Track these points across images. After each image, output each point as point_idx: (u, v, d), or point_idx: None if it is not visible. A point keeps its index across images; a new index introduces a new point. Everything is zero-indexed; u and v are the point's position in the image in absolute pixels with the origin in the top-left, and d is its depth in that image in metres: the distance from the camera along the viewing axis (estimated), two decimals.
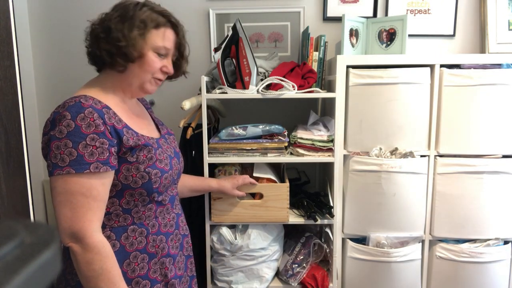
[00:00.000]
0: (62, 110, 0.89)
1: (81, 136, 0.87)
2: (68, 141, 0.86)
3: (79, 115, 0.88)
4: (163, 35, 1.00)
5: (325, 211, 1.56)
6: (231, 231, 1.59)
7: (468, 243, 1.62)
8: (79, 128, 0.87)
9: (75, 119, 0.87)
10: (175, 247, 1.07)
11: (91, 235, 0.87)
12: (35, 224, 0.32)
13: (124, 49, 0.95)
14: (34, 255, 0.27)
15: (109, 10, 1.00)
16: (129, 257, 0.98)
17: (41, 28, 1.94)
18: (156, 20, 0.99)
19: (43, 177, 2.04)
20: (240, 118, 1.86)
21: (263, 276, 1.58)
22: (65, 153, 0.86)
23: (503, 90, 1.51)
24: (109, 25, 0.95)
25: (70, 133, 0.86)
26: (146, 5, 1.00)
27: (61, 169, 0.86)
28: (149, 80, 1.02)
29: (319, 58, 1.70)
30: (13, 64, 1.75)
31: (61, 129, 0.87)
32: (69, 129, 0.86)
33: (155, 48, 0.99)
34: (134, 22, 0.96)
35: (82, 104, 0.90)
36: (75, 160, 0.86)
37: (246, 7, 1.92)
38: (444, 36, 1.92)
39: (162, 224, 1.04)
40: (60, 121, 0.87)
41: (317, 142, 1.55)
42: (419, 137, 1.58)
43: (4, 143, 1.67)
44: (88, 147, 0.87)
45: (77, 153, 0.86)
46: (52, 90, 1.99)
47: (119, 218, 0.97)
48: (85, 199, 0.87)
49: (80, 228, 0.86)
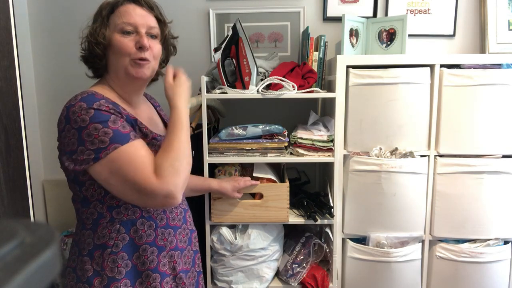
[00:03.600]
0: (76, 102, 0.89)
1: (104, 117, 0.88)
2: (95, 125, 0.87)
3: (95, 103, 0.89)
4: (120, 13, 0.98)
5: (325, 211, 1.56)
6: (231, 231, 1.59)
7: (468, 243, 1.62)
8: (99, 111, 0.88)
9: (92, 106, 0.88)
10: (183, 241, 1.08)
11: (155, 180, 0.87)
12: (35, 224, 0.32)
13: (90, 47, 0.98)
14: (34, 255, 0.27)
15: None
16: (138, 250, 0.98)
17: (41, 28, 1.94)
18: (111, 3, 0.98)
19: (43, 177, 2.04)
20: (240, 118, 1.86)
21: (263, 276, 1.58)
22: (100, 134, 0.86)
23: (503, 90, 1.51)
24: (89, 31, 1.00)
25: (93, 117, 0.87)
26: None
27: (106, 149, 0.86)
28: (129, 63, 0.97)
29: (319, 58, 1.70)
30: (13, 64, 1.75)
31: (82, 118, 0.87)
32: (90, 115, 0.87)
33: (117, 28, 0.97)
34: (97, 18, 0.99)
35: (95, 95, 0.92)
36: (114, 136, 0.87)
37: (246, 7, 1.92)
38: (444, 36, 1.92)
39: (170, 218, 1.05)
40: (78, 112, 0.87)
41: (317, 142, 1.55)
42: (419, 137, 1.57)
43: (4, 143, 1.67)
44: (116, 123, 0.89)
45: (111, 130, 0.87)
46: (52, 90, 1.99)
47: (128, 211, 0.97)
48: (138, 158, 0.88)
49: (149, 185, 0.86)
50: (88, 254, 0.96)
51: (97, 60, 0.99)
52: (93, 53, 0.98)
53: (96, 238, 0.96)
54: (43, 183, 2.03)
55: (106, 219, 0.96)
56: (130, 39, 0.96)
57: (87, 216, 0.97)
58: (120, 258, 0.96)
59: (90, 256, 0.96)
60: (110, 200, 0.95)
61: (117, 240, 0.96)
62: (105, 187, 0.92)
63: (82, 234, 0.98)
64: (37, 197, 1.99)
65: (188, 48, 1.95)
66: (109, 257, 0.95)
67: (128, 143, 0.87)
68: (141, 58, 0.97)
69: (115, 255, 0.96)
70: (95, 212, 0.96)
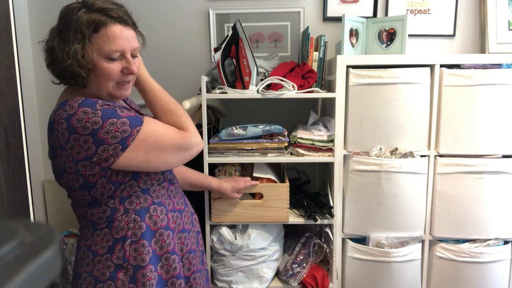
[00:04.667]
0: (75, 110, 0.88)
1: (112, 111, 0.91)
2: (110, 120, 0.89)
3: (96, 103, 0.90)
4: (107, 36, 0.89)
5: (325, 211, 1.56)
6: (231, 231, 1.59)
7: (468, 243, 1.62)
8: (105, 109, 0.90)
9: (96, 107, 0.89)
10: (188, 223, 1.13)
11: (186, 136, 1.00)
12: (35, 224, 0.32)
13: (71, 68, 0.88)
14: (34, 255, 0.27)
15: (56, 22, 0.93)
16: (155, 235, 1.01)
17: (41, 28, 1.94)
18: (94, 22, 0.88)
19: (43, 177, 2.03)
20: (240, 118, 1.86)
21: (263, 276, 1.58)
22: (119, 126, 0.89)
23: (503, 90, 1.51)
24: (53, 45, 0.90)
25: (104, 115, 0.89)
26: (84, 6, 0.89)
27: (131, 135, 0.90)
28: (113, 87, 0.95)
29: (319, 58, 1.70)
30: (13, 64, 1.75)
31: (94, 120, 0.88)
32: (99, 115, 0.88)
33: (103, 54, 0.90)
34: (71, 34, 0.87)
35: (90, 98, 0.92)
36: (130, 122, 0.91)
37: (246, 7, 1.92)
38: (444, 36, 1.92)
39: (175, 202, 1.09)
40: (85, 118, 0.87)
41: (317, 142, 1.55)
42: (419, 137, 1.57)
43: (4, 143, 1.67)
44: (123, 111, 0.93)
45: (125, 118, 0.91)
46: (52, 90, 1.98)
47: (140, 199, 1.00)
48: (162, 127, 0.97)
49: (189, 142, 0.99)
50: (108, 251, 0.98)
51: (77, 79, 0.92)
52: (73, 73, 0.90)
53: (114, 233, 0.98)
54: (43, 183, 2.03)
55: (120, 212, 0.98)
56: (116, 65, 0.93)
57: (99, 216, 0.98)
58: (141, 246, 0.98)
59: (110, 252, 0.98)
60: (121, 192, 0.97)
61: (135, 229, 0.98)
62: (142, 168, 0.96)
63: (95, 235, 0.99)
64: (37, 197, 1.99)
65: (188, 48, 1.95)
66: (130, 247, 0.97)
67: (144, 121, 0.93)
68: (126, 81, 0.97)
69: (135, 244, 0.98)
70: (107, 209, 0.98)
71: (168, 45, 1.94)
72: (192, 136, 1.00)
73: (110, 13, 0.89)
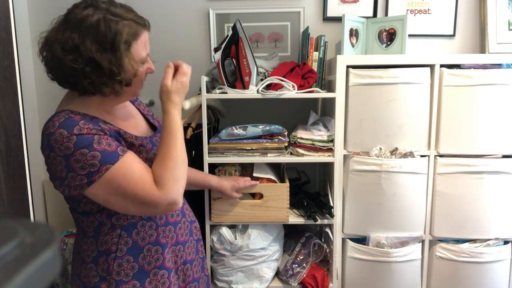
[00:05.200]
0: (55, 129, 0.85)
1: (87, 140, 0.85)
2: (81, 150, 0.84)
3: (74, 127, 0.85)
4: (144, 43, 0.92)
5: (325, 211, 1.56)
6: (231, 231, 1.59)
7: (468, 243, 1.62)
8: (81, 136, 0.85)
9: (72, 131, 0.84)
10: (184, 234, 1.09)
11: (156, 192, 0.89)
12: (35, 224, 0.32)
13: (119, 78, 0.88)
14: (34, 255, 0.27)
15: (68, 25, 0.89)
16: (143, 251, 0.99)
17: (41, 28, 1.93)
18: (135, 31, 0.90)
19: (43, 177, 2.04)
20: (240, 118, 1.86)
21: (263, 276, 1.58)
22: (88, 158, 0.84)
23: (503, 90, 1.51)
24: (92, 56, 0.85)
25: (77, 143, 0.84)
26: (115, 14, 0.88)
27: (98, 172, 0.84)
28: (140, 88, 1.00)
29: (319, 58, 1.70)
30: (13, 64, 1.75)
31: (66, 145, 0.84)
32: (73, 141, 0.84)
33: (142, 60, 0.93)
34: (119, 46, 0.87)
35: (73, 118, 0.87)
36: (103, 158, 0.85)
37: (246, 7, 1.92)
38: (444, 36, 1.92)
39: (169, 215, 1.05)
40: (60, 140, 0.84)
41: (317, 142, 1.55)
42: (419, 137, 1.57)
43: (4, 143, 1.67)
44: (101, 143, 0.86)
45: (98, 152, 0.85)
46: (52, 90, 1.97)
47: (127, 216, 0.97)
48: (134, 173, 0.88)
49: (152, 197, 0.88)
50: (93, 261, 0.97)
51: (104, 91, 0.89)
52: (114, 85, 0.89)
53: (99, 245, 0.96)
54: (43, 183, 2.03)
55: (107, 226, 0.96)
56: (144, 68, 0.96)
57: (87, 225, 0.97)
58: (126, 262, 0.96)
59: (95, 263, 0.96)
60: (109, 209, 0.94)
61: (121, 244, 0.96)
62: (105, 206, 0.91)
63: (84, 242, 0.98)
64: (37, 197, 1.99)
65: (188, 48, 1.95)
66: (114, 261, 0.95)
67: (118, 160, 0.86)
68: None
69: (120, 259, 0.96)
70: (95, 220, 0.96)
71: (168, 45, 1.94)
72: (164, 194, 0.88)
73: (139, 20, 0.91)
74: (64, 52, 0.86)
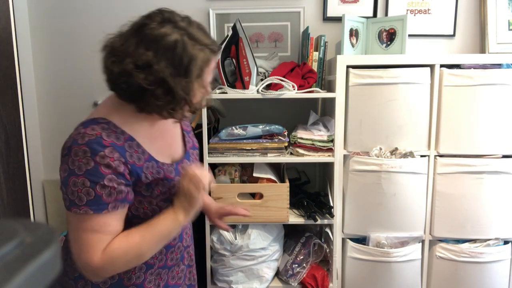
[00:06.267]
0: (82, 142, 0.82)
1: (99, 175, 0.82)
2: (86, 180, 0.81)
3: (99, 153, 0.82)
4: (212, 69, 0.91)
5: (325, 211, 1.56)
6: (231, 231, 1.59)
7: (468, 243, 1.62)
8: (98, 167, 0.82)
9: (95, 157, 0.81)
10: (174, 259, 1.06)
11: (96, 261, 0.83)
12: (35, 224, 0.32)
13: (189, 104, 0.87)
14: (34, 255, 0.27)
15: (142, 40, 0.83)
16: None
17: (41, 28, 1.94)
18: (208, 58, 0.87)
19: (43, 177, 2.04)
20: (240, 118, 1.86)
21: (263, 276, 1.58)
22: (83, 192, 0.82)
23: (503, 90, 1.51)
24: (165, 79, 0.82)
25: (88, 172, 0.81)
26: (192, 38, 0.85)
27: (78, 208, 0.82)
28: None
29: (319, 58, 1.70)
30: (13, 64, 1.75)
31: (79, 165, 0.81)
32: (87, 167, 0.81)
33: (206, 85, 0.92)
34: (193, 72, 0.85)
35: (104, 141, 0.83)
36: (93, 200, 0.82)
37: (246, 7, 1.92)
38: (444, 36, 1.92)
39: None
40: (78, 156, 0.82)
41: (317, 142, 1.55)
42: (419, 137, 1.57)
43: (4, 143, 1.67)
44: (106, 188, 0.82)
45: (94, 193, 0.82)
46: (52, 90, 1.99)
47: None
48: (97, 235, 0.84)
49: (86, 260, 0.83)
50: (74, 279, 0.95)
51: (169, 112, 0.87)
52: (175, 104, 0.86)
53: None
54: (43, 183, 2.03)
55: None
56: None
57: None
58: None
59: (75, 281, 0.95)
60: None
61: None
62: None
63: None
64: (37, 197, 1.99)
65: None
66: None
67: (100, 213, 0.83)
68: None
69: None
70: None
71: None
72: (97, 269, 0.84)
73: (212, 46, 0.88)
74: (137, 69, 0.81)
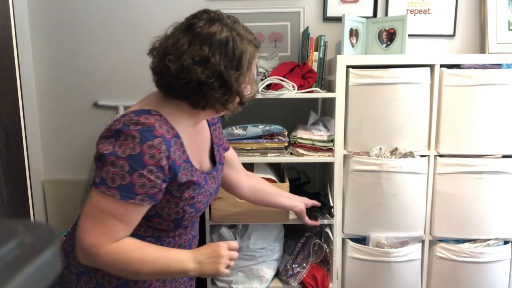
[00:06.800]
0: (134, 128, 0.83)
1: (141, 164, 0.82)
2: (125, 164, 0.81)
3: (148, 141, 0.82)
4: (256, 63, 0.97)
5: (325, 211, 1.56)
6: (231, 231, 1.59)
7: (468, 243, 1.62)
8: (143, 156, 0.82)
9: (143, 145, 0.82)
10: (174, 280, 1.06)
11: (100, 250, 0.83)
12: (35, 224, 0.32)
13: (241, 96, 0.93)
14: (34, 255, 0.27)
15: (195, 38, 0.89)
16: None
17: (41, 28, 1.94)
18: (254, 52, 0.93)
19: (43, 177, 2.03)
20: (240, 118, 1.86)
21: (263, 276, 1.58)
22: (118, 174, 0.81)
23: (503, 90, 1.51)
24: (220, 71, 0.87)
25: (131, 157, 0.81)
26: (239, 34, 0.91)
27: (107, 189, 0.82)
28: None
29: (319, 58, 1.70)
30: (13, 64, 1.75)
31: (125, 149, 0.82)
32: (132, 152, 0.81)
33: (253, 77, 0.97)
34: (244, 65, 0.90)
35: (155, 131, 0.84)
36: (125, 186, 0.82)
37: (246, 7, 1.92)
38: (444, 36, 1.92)
39: (177, 244, 1.02)
40: (128, 140, 0.82)
41: (317, 142, 1.55)
42: (419, 137, 1.57)
43: (4, 143, 1.67)
44: (142, 178, 0.83)
45: (129, 180, 0.82)
46: (52, 90, 1.99)
47: (140, 228, 0.93)
48: (113, 220, 0.84)
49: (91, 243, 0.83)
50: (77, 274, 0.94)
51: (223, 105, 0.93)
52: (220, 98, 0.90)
53: None
54: (43, 183, 2.03)
55: None
56: None
57: None
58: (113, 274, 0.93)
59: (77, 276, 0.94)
60: None
61: None
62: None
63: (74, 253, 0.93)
64: (37, 197, 1.99)
65: None
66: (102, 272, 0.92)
67: (125, 201, 0.82)
68: None
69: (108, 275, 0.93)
70: None
71: None
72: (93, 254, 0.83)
73: (255, 42, 0.94)
74: (195, 64, 0.86)
